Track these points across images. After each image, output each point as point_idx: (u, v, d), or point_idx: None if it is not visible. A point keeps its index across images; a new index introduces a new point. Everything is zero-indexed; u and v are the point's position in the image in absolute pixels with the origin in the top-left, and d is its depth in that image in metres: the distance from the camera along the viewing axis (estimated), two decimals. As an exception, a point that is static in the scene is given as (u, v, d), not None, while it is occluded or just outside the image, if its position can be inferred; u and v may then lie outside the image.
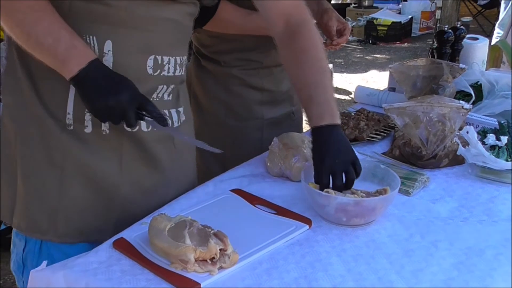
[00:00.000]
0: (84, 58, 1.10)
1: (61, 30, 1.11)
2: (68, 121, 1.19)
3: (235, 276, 1.03)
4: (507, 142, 1.48)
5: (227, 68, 1.85)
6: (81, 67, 1.09)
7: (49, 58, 1.12)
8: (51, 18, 1.10)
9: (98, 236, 1.23)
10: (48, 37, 1.09)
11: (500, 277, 1.05)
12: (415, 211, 1.28)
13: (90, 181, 1.23)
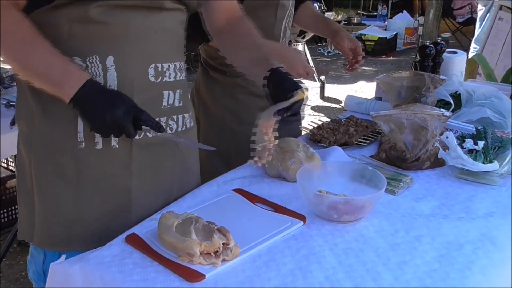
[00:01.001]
0: (78, 80, 1.08)
1: (53, 57, 1.09)
2: (80, 139, 1.17)
3: (237, 268, 1.03)
4: (484, 146, 1.48)
5: (233, 78, 1.86)
6: (76, 89, 1.07)
7: (47, 85, 1.11)
8: (42, 47, 1.08)
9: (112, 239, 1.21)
10: (42, 66, 1.09)
11: (478, 269, 1.05)
12: (400, 209, 1.28)
13: (103, 192, 1.22)
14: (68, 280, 1.04)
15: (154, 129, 1.12)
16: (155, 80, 1.22)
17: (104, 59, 1.14)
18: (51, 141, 1.18)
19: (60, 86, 1.08)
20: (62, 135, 1.17)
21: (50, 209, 1.20)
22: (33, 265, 1.28)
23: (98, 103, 1.08)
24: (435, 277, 1.01)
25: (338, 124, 1.78)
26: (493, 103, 1.80)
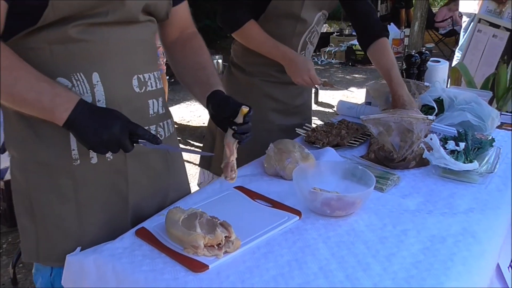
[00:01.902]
0: (69, 103, 1.01)
1: (41, 83, 1.01)
2: (74, 156, 1.11)
3: (238, 259, 1.03)
4: (464, 147, 1.48)
5: (250, 77, 1.87)
6: (69, 112, 1.00)
7: (37, 111, 1.03)
8: (28, 74, 1.00)
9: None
10: (31, 92, 1.00)
11: (459, 260, 1.05)
12: (388, 205, 1.27)
13: (103, 204, 1.17)
14: (83, 270, 1.04)
15: (151, 141, 1.07)
16: (139, 90, 1.18)
17: (89, 76, 1.08)
18: (46, 163, 1.11)
19: (52, 111, 1.01)
20: (57, 155, 1.11)
21: (53, 228, 1.14)
22: (40, 278, 1.22)
23: (92, 124, 1.02)
24: (420, 268, 1.01)
25: (331, 127, 1.78)
26: (473, 108, 1.80)
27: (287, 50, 1.77)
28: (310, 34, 1.86)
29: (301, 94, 1.99)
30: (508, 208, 1.30)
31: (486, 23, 3.37)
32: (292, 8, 1.75)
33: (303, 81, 1.78)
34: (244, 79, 1.88)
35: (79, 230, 1.15)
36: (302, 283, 0.96)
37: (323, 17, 1.87)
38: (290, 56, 1.77)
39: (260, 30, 1.75)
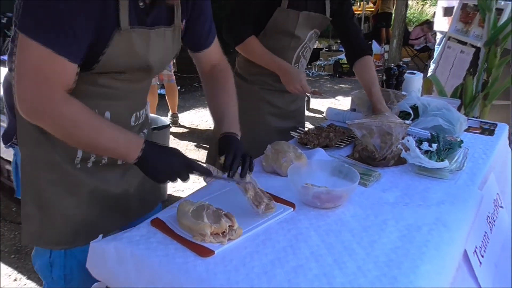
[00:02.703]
0: (138, 145, 1.06)
1: (116, 132, 1.05)
2: (76, 161, 1.15)
3: (240, 246, 1.03)
4: (437, 148, 1.48)
5: (251, 85, 1.88)
6: (139, 153, 1.05)
7: (114, 155, 1.10)
8: (106, 128, 1.05)
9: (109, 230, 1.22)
10: (110, 143, 1.05)
11: (432, 246, 1.05)
12: (370, 198, 1.27)
13: (97, 198, 1.20)
14: (104, 255, 1.04)
15: (203, 174, 1.13)
16: (134, 124, 1.25)
17: (102, 113, 1.13)
18: (56, 163, 1.14)
19: (127, 154, 1.06)
20: (65, 159, 1.14)
21: (56, 216, 1.16)
22: (38, 260, 1.24)
23: (158, 161, 1.07)
24: (399, 253, 1.01)
25: (320, 130, 1.78)
26: (444, 113, 1.79)
27: (282, 62, 1.78)
28: (303, 49, 1.86)
29: (296, 101, 1.99)
30: (474, 201, 1.30)
31: (455, 40, 3.37)
32: (287, 26, 1.75)
33: (295, 89, 1.78)
34: (246, 87, 1.89)
35: (78, 219, 1.18)
36: (296, 266, 0.95)
37: (315, 34, 1.87)
38: (285, 67, 1.77)
39: (260, 44, 1.75)
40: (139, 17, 1.07)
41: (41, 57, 0.94)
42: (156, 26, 1.11)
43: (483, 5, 2.55)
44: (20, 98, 0.97)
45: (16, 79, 0.96)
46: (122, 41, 1.04)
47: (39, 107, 0.98)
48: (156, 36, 1.12)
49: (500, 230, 1.52)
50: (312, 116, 5.28)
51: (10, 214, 2.82)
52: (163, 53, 1.18)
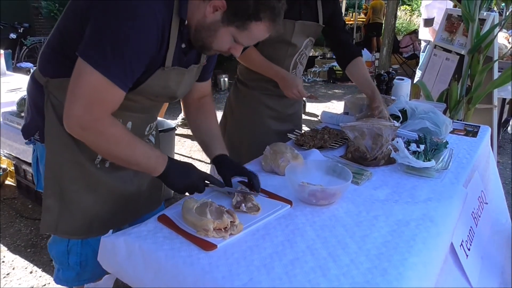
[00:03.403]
0: (163, 161, 1.12)
1: (146, 149, 1.11)
2: (97, 161, 1.19)
3: (241, 240, 1.03)
4: (424, 149, 1.48)
5: (252, 91, 1.88)
6: (164, 168, 1.11)
7: (143, 169, 1.14)
8: (138, 145, 1.09)
9: (117, 225, 1.28)
10: (142, 159, 1.10)
11: (420, 240, 1.05)
12: (362, 195, 1.27)
13: (113, 194, 1.25)
14: (114, 249, 1.04)
15: (217, 185, 1.18)
16: (147, 132, 1.32)
17: (125, 123, 1.18)
18: (79, 162, 1.17)
19: (155, 169, 1.11)
20: (87, 158, 1.17)
21: (75, 208, 1.20)
22: (55, 247, 1.28)
23: (179, 175, 1.13)
24: (389, 246, 1.01)
25: (316, 132, 1.78)
26: (431, 116, 1.79)
27: (279, 69, 1.78)
28: (299, 56, 1.86)
29: (293, 105, 1.99)
30: (459, 197, 1.30)
31: (440, 48, 3.37)
32: (284, 35, 1.75)
33: (293, 94, 1.78)
34: (247, 92, 1.89)
35: (94, 213, 1.22)
36: (293, 259, 0.95)
37: (310, 42, 1.87)
38: (282, 75, 1.77)
39: (258, 54, 1.76)
40: (180, 57, 1.13)
41: (99, 84, 0.98)
42: (189, 65, 1.18)
43: (466, 15, 2.56)
44: (69, 113, 1.01)
45: (69, 97, 1.00)
46: (162, 77, 1.11)
47: (87, 125, 1.02)
48: (187, 73, 1.18)
49: (485, 225, 1.53)
50: (308, 119, 5.28)
51: (27, 210, 2.82)
52: (189, 86, 1.26)
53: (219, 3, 1.02)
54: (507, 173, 3.64)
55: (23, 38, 7.41)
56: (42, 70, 1.15)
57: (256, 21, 1.04)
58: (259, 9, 1.02)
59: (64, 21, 1.09)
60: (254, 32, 1.06)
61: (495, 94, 2.87)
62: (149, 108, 1.24)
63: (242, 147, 1.87)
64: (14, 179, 3.02)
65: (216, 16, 1.04)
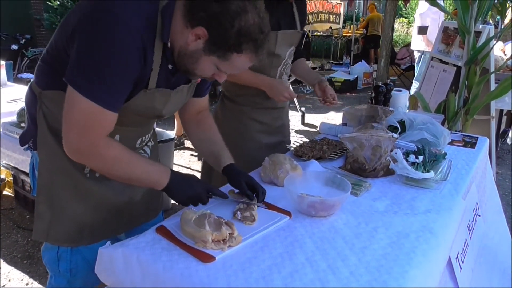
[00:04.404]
0: (166, 174, 1.12)
1: (146, 165, 1.11)
2: (86, 170, 1.19)
3: (239, 252, 1.01)
4: (423, 160, 1.48)
5: (239, 106, 1.87)
6: (167, 181, 1.11)
7: (146, 184, 1.15)
8: (138, 161, 1.11)
9: (109, 235, 1.27)
10: (143, 175, 1.10)
11: (420, 252, 1.04)
12: (361, 207, 1.26)
13: (104, 204, 1.24)
14: (112, 260, 1.03)
15: (220, 197, 1.17)
16: (138, 146, 1.29)
17: (113, 135, 1.15)
18: (69, 171, 1.17)
19: (158, 183, 1.11)
20: (77, 167, 1.17)
21: (65, 217, 1.20)
22: (47, 254, 1.28)
23: (182, 187, 1.12)
24: (389, 259, 1.00)
25: (315, 143, 1.78)
26: (429, 127, 1.80)
27: (264, 78, 1.78)
28: (284, 66, 1.86)
29: (281, 117, 1.99)
30: (458, 209, 1.30)
31: (437, 60, 3.40)
32: (268, 46, 1.74)
33: (284, 98, 1.78)
34: (234, 107, 1.88)
35: (85, 221, 1.21)
36: (292, 271, 0.94)
37: (292, 52, 1.88)
38: (268, 82, 1.78)
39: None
40: (166, 77, 1.12)
41: (90, 112, 0.99)
42: (177, 85, 1.17)
43: (462, 28, 2.58)
44: (67, 140, 1.03)
45: (64, 125, 1.02)
46: (146, 98, 1.11)
47: (85, 150, 1.03)
48: (175, 94, 1.18)
49: (477, 237, 1.52)
50: (306, 130, 5.28)
51: (24, 221, 2.80)
52: (177, 106, 1.25)
53: (200, 32, 1.00)
54: (507, 184, 3.64)
55: (25, 49, 7.45)
56: (37, 82, 1.18)
57: (237, 52, 1.02)
58: (240, 41, 1.00)
59: (56, 39, 1.10)
60: (236, 63, 1.05)
61: (492, 105, 2.89)
62: (139, 122, 1.23)
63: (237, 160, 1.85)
64: (12, 189, 3.00)
65: (198, 44, 1.02)
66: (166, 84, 1.13)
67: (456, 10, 2.59)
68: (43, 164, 1.19)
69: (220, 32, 0.99)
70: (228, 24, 0.98)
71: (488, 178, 1.90)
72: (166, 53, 1.07)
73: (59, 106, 1.06)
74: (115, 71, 0.98)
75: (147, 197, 1.37)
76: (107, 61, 0.96)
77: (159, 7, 1.03)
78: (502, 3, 2.99)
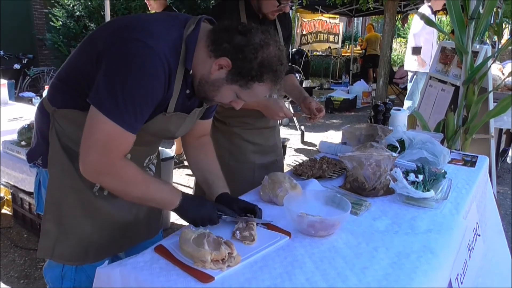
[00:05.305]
0: (178, 194, 1.14)
1: (160, 185, 1.14)
2: (95, 189, 1.21)
3: (238, 272, 1.00)
4: (423, 179, 1.47)
5: (231, 127, 1.86)
6: (179, 201, 1.13)
7: (159, 204, 1.18)
8: (152, 182, 1.13)
9: (113, 253, 1.29)
10: (157, 195, 1.13)
11: (421, 272, 1.02)
12: (362, 226, 1.25)
13: (110, 222, 1.25)
14: (110, 280, 1.02)
15: (229, 215, 1.18)
16: (145, 164, 1.33)
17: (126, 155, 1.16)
18: (79, 189, 1.19)
19: (170, 203, 1.13)
20: (87, 185, 1.19)
21: (72, 235, 1.21)
22: (50, 272, 1.28)
23: (195, 207, 1.14)
24: (390, 279, 0.99)
25: (314, 162, 1.78)
26: (428, 146, 1.80)
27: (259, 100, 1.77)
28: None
29: (273, 136, 1.99)
30: (459, 229, 1.29)
31: (436, 79, 3.43)
32: None
33: (280, 117, 1.79)
34: (226, 129, 1.87)
35: (91, 240, 1.22)
36: (292, 292, 0.93)
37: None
38: (264, 102, 1.78)
39: None
40: (183, 102, 1.16)
41: (112, 132, 1.02)
42: (191, 109, 1.21)
43: (460, 48, 2.61)
44: (85, 159, 1.05)
45: (84, 143, 1.04)
46: (163, 120, 1.14)
47: (102, 170, 1.05)
48: (189, 117, 1.21)
49: (476, 257, 1.50)
50: (306, 149, 5.28)
51: (22, 240, 2.77)
52: (188, 128, 1.29)
53: (224, 62, 1.05)
54: (507, 203, 3.62)
55: (27, 68, 7.53)
56: (51, 100, 1.19)
57: (259, 82, 1.07)
58: (262, 71, 1.05)
59: (76, 59, 1.14)
60: (256, 91, 1.10)
61: (491, 124, 2.89)
62: (149, 142, 1.27)
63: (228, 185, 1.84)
64: (10, 207, 2.98)
65: (221, 73, 1.08)
66: (182, 108, 1.17)
67: (453, 30, 2.63)
68: (53, 181, 1.20)
69: (244, 63, 1.04)
70: (252, 55, 1.03)
71: (489, 197, 1.89)
72: (187, 79, 1.11)
73: (72, 124, 1.09)
74: (141, 95, 1.01)
75: (149, 215, 1.38)
76: (135, 86, 1.00)
77: (184, 35, 1.07)
78: (499, 23, 3.03)
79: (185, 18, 1.12)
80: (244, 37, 1.04)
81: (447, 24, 12.28)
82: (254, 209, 1.21)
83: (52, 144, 1.18)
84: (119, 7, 7.57)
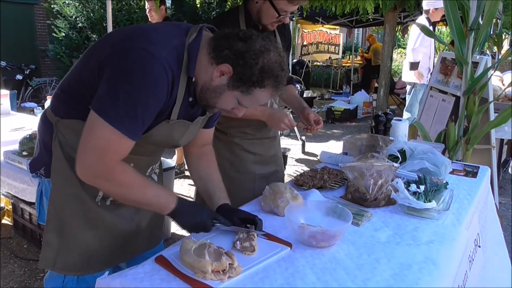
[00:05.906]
0: (173, 199, 1.14)
1: (156, 188, 1.15)
2: (97, 199, 1.22)
3: (239, 283, 1.00)
4: (424, 189, 1.47)
5: (232, 138, 1.87)
6: (174, 205, 1.13)
7: (154, 208, 1.17)
8: (148, 186, 1.14)
9: (115, 263, 1.28)
10: (153, 198, 1.13)
11: (423, 284, 1.02)
12: (363, 237, 1.25)
13: (112, 232, 1.26)
14: (110, 292, 1.01)
15: (223, 224, 1.18)
16: (147, 174, 1.34)
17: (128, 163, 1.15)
18: (80, 199, 1.19)
19: (166, 207, 1.14)
20: (90, 196, 1.20)
21: (74, 245, 1.21)
22: (52, 282, 1.28)
23: (187, 213, 1.14)
24: (391, 291, 0.98)
25: (315, 172, 1.78)
26: (430, 157, 1.80)
27: (264, 108, 1.79)
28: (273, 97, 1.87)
29: (273, 146, 1.99)
30: (461, 240, 1.28)
31: (436, 90, 3.44)
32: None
33: (284, 126, 1.78)
34: (227, 140, 1.88)
35: (93, 250, 1.22)
36: (293, 303, 0.92)
37: None
38: (268, 111, 1.78)
39: None
40: (186, 109, 1.17)
41: (112, 137, 1.03)
42: (195, 117, 1.22)
43: (460, 59, 2.62)
44: (82, 163, 1.05)
45: (82, 146, 1.04)
46: (166, 128, 1.15)
47: (99, 174, 1.06)
48: (192, 125, 1.22)
49: (476, 269, 1.49)
50: (307, 159, 5.28)
51: (22, 251, 2.76)
52: (192, 136, 1.29)
53: (226, 68, 1.06)
54: (509, 214, 3.60)
55: (29, 79, 7.58)
56: (54, 110, 1.20)
57: (260, 87, 1.08)
58: (263, 77, 1.06)
59: (79, 70, 1.15)
60: (257, 97, 1.11)
61: (492, 134, 2.89)
62: (152, 152, 1.27)
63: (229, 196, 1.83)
64: (11, 218, 2.98)
65: (222, 80, 1.09)
66: (185, 116, 1.18)
67: (453, 41, 2.64)
68: (56, 191, 1.20)
69: (245, 69, 1.05)
70: (253, 61, 1.04)
71: (490, 208, 1.89)
72: (190, 86, 1.12)
73: (76, 134, 1.09)
74: (143, 102, 1.02)
75: (151, 225, 1.38)
76: (137, 91, 1.00)
77: (186, 43, 1.09)
78: (498, 34, 3.05)
79: (187, 27, 1.14)
80: (244, 44, 1.05)
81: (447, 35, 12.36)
82: (254, 219, 1.21)
83: (55, 154, 1.19)
84: (121, 19, 7.65)
